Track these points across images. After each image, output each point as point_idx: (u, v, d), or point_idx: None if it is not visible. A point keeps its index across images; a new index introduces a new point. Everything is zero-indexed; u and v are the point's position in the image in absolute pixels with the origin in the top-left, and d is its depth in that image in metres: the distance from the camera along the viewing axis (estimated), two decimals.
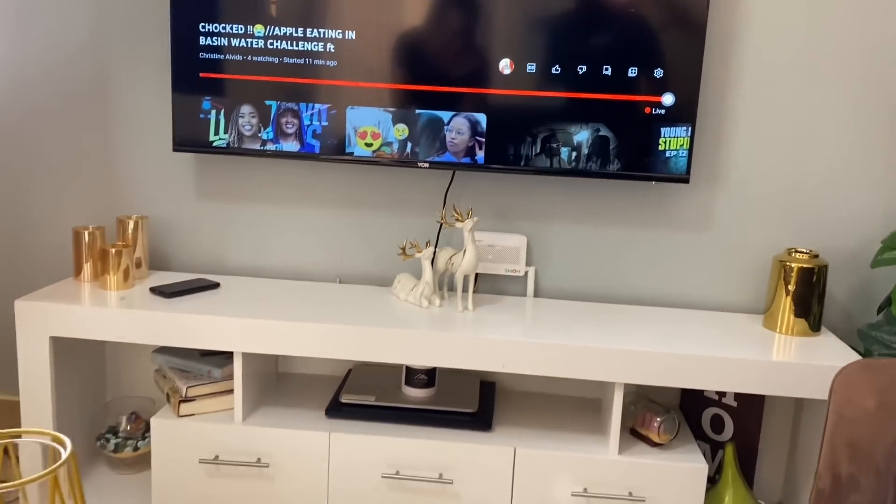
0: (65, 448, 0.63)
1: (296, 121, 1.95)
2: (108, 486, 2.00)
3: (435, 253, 1.95)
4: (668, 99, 1.87)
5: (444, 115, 1.91)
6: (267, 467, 1.82)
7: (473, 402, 1.93)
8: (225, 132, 1.97)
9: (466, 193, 2.08)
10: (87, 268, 1.97)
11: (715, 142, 2.00)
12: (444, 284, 2.03)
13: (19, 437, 0.66)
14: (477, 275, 2.10)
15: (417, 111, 1.92)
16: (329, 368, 2.17)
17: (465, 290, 2.04)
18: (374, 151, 1.95)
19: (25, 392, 1.85)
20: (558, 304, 2.04)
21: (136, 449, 2.02)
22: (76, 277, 1.99)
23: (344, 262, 2.14)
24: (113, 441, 2.02)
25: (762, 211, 2.03)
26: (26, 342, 1.82)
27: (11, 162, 2.17)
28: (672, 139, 1.89)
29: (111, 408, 2.11)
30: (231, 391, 1.89)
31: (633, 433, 1.89)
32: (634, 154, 1.90)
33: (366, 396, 1.92)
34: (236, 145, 1.97)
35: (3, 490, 0.58)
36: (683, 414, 2.07)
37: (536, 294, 2.11)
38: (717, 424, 2.02)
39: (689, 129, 1.89)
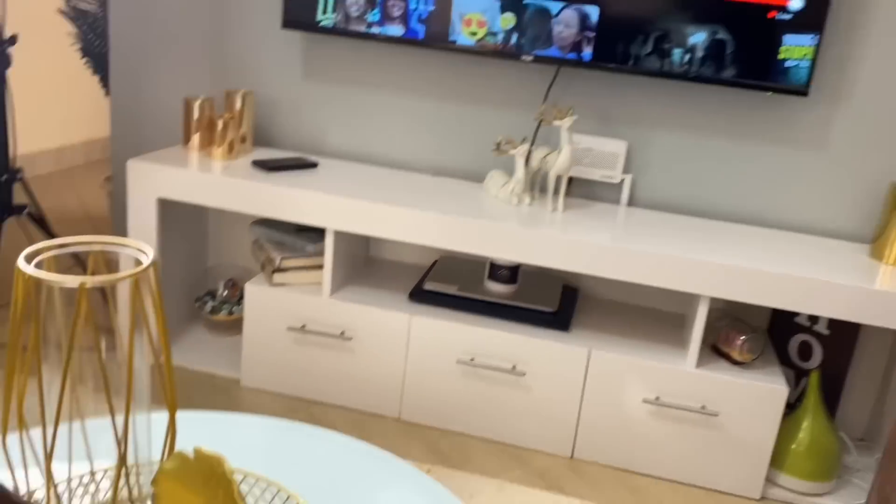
0: (147, 256, 0.67)
1: (402, 3, 1.93)
2: (204, 345, 2.14)
3: (530, 151, 1.93)
4: (795, 3, 1.74)
5: (554, 5, 1.85)
6: (350, 340, 1.90)
7: (553, 303, 1.93)
8: (333, 11, 1.98)
9: (569, 92, 2.03)
10: (195, 137, 2.06)
11: (841, 54, 1.87)
12: (536, 185, 2.01)
13: (103, 246, 0.70)
14: (570, 178, 2.07)
15: (526, 1, 1.86)
16: (416, 257, 2.22)
17: (556, 191, 2.02)
18: (477, 41, 1.92)
19: None
20: (652, 214, 1.99)
21: (230, 313, 2.14)
22: (185, 145, 2.08)
23: (438, 154, 2.15)
24: (210, 304, 2.15)
25: (884, 133, 1.89)
26: (136, 202, 1.94)
27: (132, 35, 2.25)
28: (794, 48, 1.77)
29: (211, 273, 2.23)
30: (321, 267, 1.97)
31: (715, 350, 1.86)
32: (752, 61, 1.79)
33: (449, 286, 1.96)
34: (342, 26, 1.98)
35: (94, 285, 0.62)
36: (770, 339, 2.02)
37: (630, 203, 2.07)
38: (805, 352, 1.96)
39: (816, 37, 1.76)
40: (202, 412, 1.04)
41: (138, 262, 0.70)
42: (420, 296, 1.94)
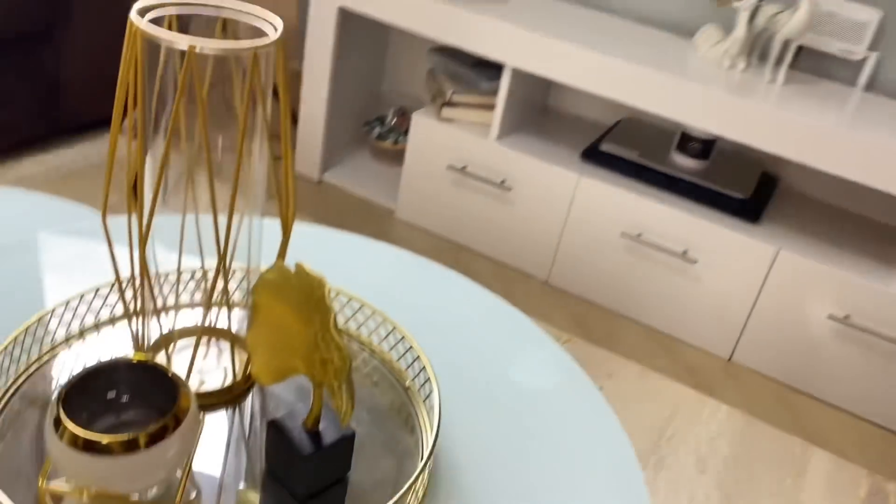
0: (275, 29, 0.55)
1: None
2: (365, 170, 2.09)
3: (758, 5, 1.63)
4: None
5: None
6: (509, 191, 1.78)
7: (747, 189, 1.69)
8: None
9: None
10: None
11: None
12: (756, 49, 1.71)
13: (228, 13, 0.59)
14: (800, 46, 1.74)
15: None
16: (598, 112, 2.01)
17: (779, 59, 1.71)
18: None
19: (309, 60, 1.91)
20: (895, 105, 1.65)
21: (396, 142, 2.07)
22: None
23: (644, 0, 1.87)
24: (378, 129, 2.08)
25: None
26: (318, 10, 1.85)
27: None
28: None
29: (383, 98, 2.15)
30: (493, 107, 1.82)
31: None
32: None
33: (629, 150, 1.75)
34: None
35: (207, 51, 0.51)
36: None
37: (870, 88, 1.72)
38: None
39: None
40: (333, 230, 0.96)
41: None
42: (594, 156, 1.76)
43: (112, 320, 0.72)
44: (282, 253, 0.64)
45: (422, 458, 0.65)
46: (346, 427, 0.60)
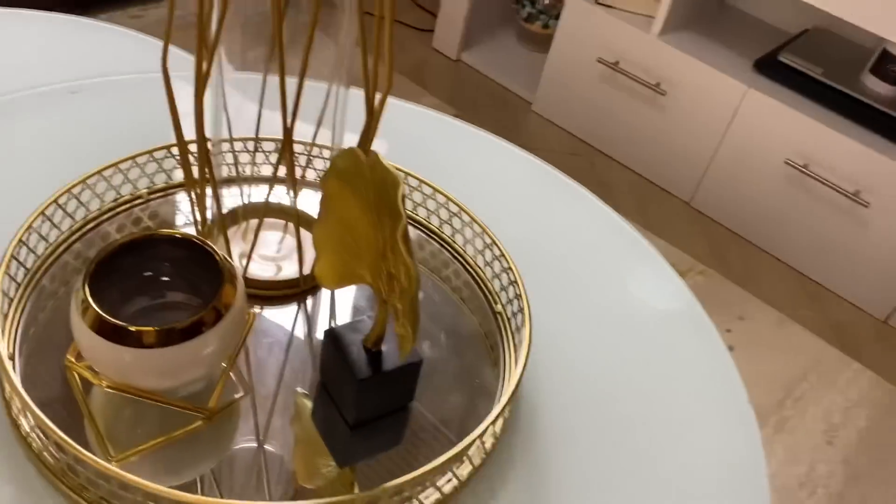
0: None
1: None
2: (507, 54, 1.93)
3: None
4: None
5: None
6: (663, 96, 1.58)
7: None
8: None
9: None
10: None
11: None
12: None
13: None
14: None
15: None
16: (783, 17, 1.73)
17: None
18: None
19: None
20: None
21: (545, 26, 1.88)
22: None
23: None
24: (527, 9, 1.89)
25: None
26: None
27: None
28: None
29: None
30: None
31: None
32: None
33: (812, 66, 1.50)
34: None
35: None
36: None
37: None
38: None
39: None
40: (449, 117, 0.84)
41: None
42: (769, 67, 1.52)
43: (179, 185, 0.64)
44: (365, 137, 0.53)
45: (499, 399, 0.55)
46: (412, 353, 0.50)
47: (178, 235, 0.50)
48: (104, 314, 0.45)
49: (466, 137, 0.83)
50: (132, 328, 0.45)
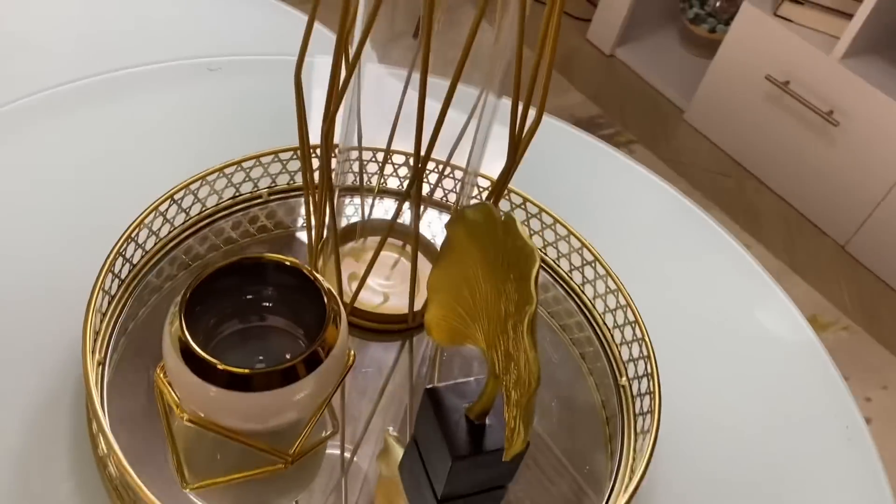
0: None
1: None
2: (667, 54, 1.81)
3: None
4: None
5: None
6: (835, 126, 1.43)
7: None
8: None
9: None
10: None
11: None
12: None
13: None
14: None
15: None
16: None
17: None
18: None
19: None
20: None
21: (713, 31, 1.74)
22: None
23: None
24: (695, 10, 1.76)
25: None
26: None
27: None
28: None
29: None
30: (850, 16, 1.43)
31: None
32: None
33: None
34: None
35: None
36: None
37: None
38: None
39: None
40: (590, 137, 0.77)
41: None
42: None
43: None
44: (499, 183, 0.47)
45: (610, 491, 0.48)
46: None
47: (287, 263, 0.46)
48: (194, 344, 0.41)
49: (605, 160, 0.75)
50: (220, 367, 0.41)
